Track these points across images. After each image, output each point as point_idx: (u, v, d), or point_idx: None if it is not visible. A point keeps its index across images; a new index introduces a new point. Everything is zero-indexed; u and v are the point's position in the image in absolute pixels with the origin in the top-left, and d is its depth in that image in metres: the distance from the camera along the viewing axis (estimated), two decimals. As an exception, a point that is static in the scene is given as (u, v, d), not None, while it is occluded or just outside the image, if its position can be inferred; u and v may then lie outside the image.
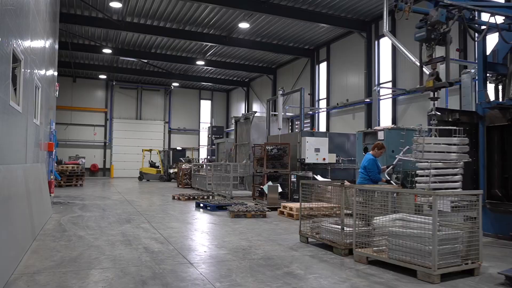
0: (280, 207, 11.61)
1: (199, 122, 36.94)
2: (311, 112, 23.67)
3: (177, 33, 21.16)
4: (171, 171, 27.50)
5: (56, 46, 13.37)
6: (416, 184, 6.56)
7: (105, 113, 33.77)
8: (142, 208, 11.73)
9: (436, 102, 6.63)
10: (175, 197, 14.75)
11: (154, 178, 27.57)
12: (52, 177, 11.69)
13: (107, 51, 23.78)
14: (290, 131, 21.09)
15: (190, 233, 7.89)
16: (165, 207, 12.14)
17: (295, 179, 12.69)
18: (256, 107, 31.19)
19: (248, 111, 32.17)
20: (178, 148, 34.75)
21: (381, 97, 18.39)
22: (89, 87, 33.29)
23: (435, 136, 6.43)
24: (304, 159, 14.02)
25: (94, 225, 8.48)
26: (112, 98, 33.94)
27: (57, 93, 13.29)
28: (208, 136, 33.23)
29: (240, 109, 34.70)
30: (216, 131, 32.88)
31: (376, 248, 5.71)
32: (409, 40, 15.41)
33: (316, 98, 23.58)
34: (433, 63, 6.39)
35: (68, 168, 20.26)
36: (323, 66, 23.32)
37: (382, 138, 10.85)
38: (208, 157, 32.33)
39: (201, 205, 12.08)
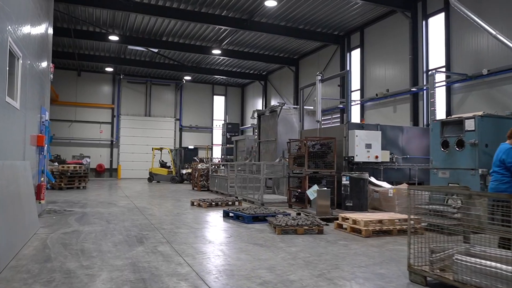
0: (330, 217, 9.07)
1: (212, 119, 34.45)
2: (341, 106, 21.05)
3: (192, 16, 18.64)
4: (184, 171, 25.03)
5: (51, 12, 10.90)
6: None
7: (112, 110, 31.40)
8: (156, 219, 9.21)
9: None
10: (195, 203, 12.25)
11: (165, 180, 25.11)
12: (43, 179, 9.24)
13: (113, 38, 21.36)
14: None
15: (234, 264, 5.35)
16: (185, 218, 9.62)
17: (347, 182, 10.11)
18: (274, 102, 28.59)
19: (265, 107, 29.65)
20: (190, 147, 32.34)
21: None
22: (95, 81, 30.95)
23: None
24: (353, 157, 11.44)
25: (93, 249, 5.97)
26: (119, 94, 31.58)
27: (52, 76, 10.83)
28: (223, 134, 30.78)
29: (256, 105, 32.16)
30: (231, 129, 30.42)
31: None
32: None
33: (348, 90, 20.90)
34: None
35: (70, 168, 17.84)
36: (355, 54, 20.70)
37: (472, 128, 8.24)
38: (223, 156, 29.89)
39: (231, 214, 9.57)
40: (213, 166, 18.90)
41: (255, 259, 5.53)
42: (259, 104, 31.67)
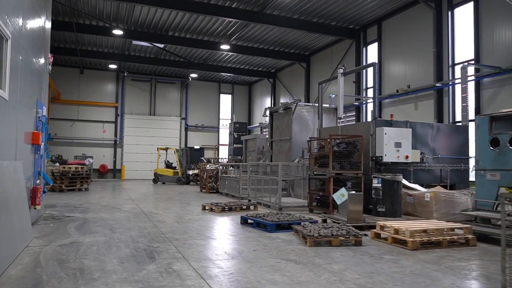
0: (363, 224, 8.01)
1: (219, 119, 33.41)
2: (357, 103, 19.99)
3: (200, 8, 17.61)
4: (190, 172, 24.00)
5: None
6: None
7: (116, 108, 30.43)
8: (167, 226, 8.18)
9: None
10: (206, 208, 11.20)
11: (171, 181, 24.08)
12: (38, 181, 8.22)
13: (118, 32, 20.35)
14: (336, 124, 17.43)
15: (267, 289, 4.30)
16: (198, 225, 8.58)
17: (379, 184, 9.03)
18: (284, 101, 27.49)
19: (274, 105, 28.60)
20: (196, 147, 31.34)
21: (457, 81, 14.68)
22: (98, 79, 29.98)
23: None
24: (381, 157, 10.36)
25: (94, 268, 4.93)
26: (123, 92, 30.60)
27: (50, 67, 9.81)
28: (230, 133, 29.77)
29: (264, 104, 31.11)
30: (239, 128, 29.44)
31: None
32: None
33: (363, 87, 19.88)
34: None
35: (71, 169, 16.82)
36: (372, 49, 19.61)
37: (531, 124, 7.16)
38: (230, 156, 28.88)
39: (250, 221, 8.52)
40: (223, 167, 17.84)
41: (294, 282, 4.47)
42: (267, 103, 30.63)
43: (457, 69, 14.80)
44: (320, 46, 23.44)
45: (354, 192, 8.55)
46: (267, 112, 17.85)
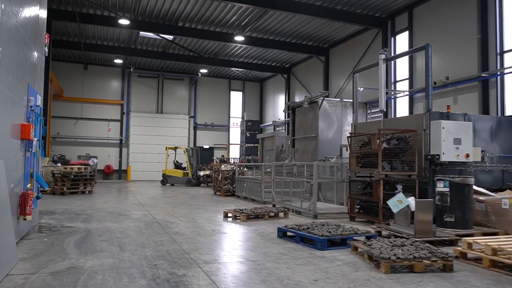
0: (434, 239, 6.38)
1: (229, 117, 31.79)
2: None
3: (215, -7, 16.06)
4: (201, 173, 22.41)
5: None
6: None
7: (121, 106, 28.89)
8: (189, 241, 6.58)
9: None
10: (229, 215, 9.60)
11: (181, 182, 22.50)
12: (30, 185, 6.64)
13: (124, 22, 18.81)
14: (366, 120, 15.80)
15: None
16: (226, 239, 6.99)
17: (446, 189, 7.39)
18: (299, 98, 25.86)
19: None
20: (205, 146, 29.80)
21: (507, 70, 13.02)
22: (103, 75, 28.46)
23: None
24: (438, 155, 8.72)
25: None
26: (129, 89, 29.07)
27: (46, 49, 8.25)
28: (242, 132, 28.23)
29: (277, 101, 29.52)
30: (251, 127, 27.95)
31: None
32: None
33: (392, 80, 18.22)
34: None
35: (73, 169, 15.27)
36: (401, 39, 17.93)
37: None
38: (241, 156, 27.32)
39: (289, 233, 6.91)
40: (239, 168, 16.21)
41: None
42: (280, 100, 29.01)
43: (507, 57, 13.14)
44: (340, 38, 21.79)
45: (422, 199, 6.90)
46: (288, 108, 16.23)
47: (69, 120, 27.40)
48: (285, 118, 27.28)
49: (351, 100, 15.69)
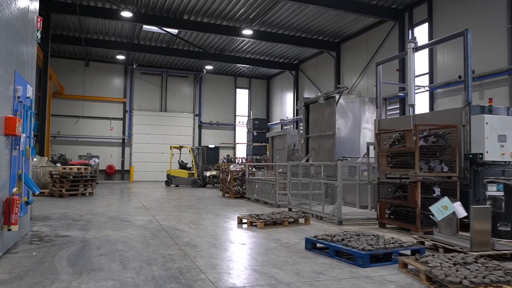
0: (494, 252, 5.37)
1: (235, 115, 30.80)
2: (402, 94, 17.28)
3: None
4: (208, 174, 21.44)
5: None
6: None
7: (124, 104, 27.93)
8: (203, 255, 5.61)
9: None
10: (244, 221, 8.62)
11: (186, 183, 21.54)
12: (16, 189, 5.67)
13: (126, 14, 17.83)
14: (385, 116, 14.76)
15: None
16: (246, 251, 6.03)
17: (501, 193, 6.38)
18: (308, 95, 24.84)
19: (297, 100, 25.99)
20: (210, 146, 28.84)
21: (541, 63, 12.00)
22: (105, 72, 27.51)
23: None
24: (481, 154, 7.71)
25: None
26: (131, 86, 28.11)
27: (39, 34, 7.28)
28: (249, 131, 27.26)
29: (284, 99, 28.55)
30: (259, 125, 26.97)
31: None
32: None
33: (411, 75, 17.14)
34: None
35: (72, 170, 14.31)
36: (420, 31, 16.89)
37: None
38: (248, 156, 26.35)
39: (319, 245, 5.93)
40: (250, 168, 15.21)
41: None
42: (287, 98, 28.03)
43: (542, 47, 12.11)
44: (353, 32, 20.78)
45: (480, 206, 5.90)
46: (301, 104, 15.23)
47: (70, 118, 26.47)
48: (293, 116, 26.30)
49: (369, 97, 14.71)
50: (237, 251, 5.93)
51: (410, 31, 17.32)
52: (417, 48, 9.87)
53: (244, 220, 8.62)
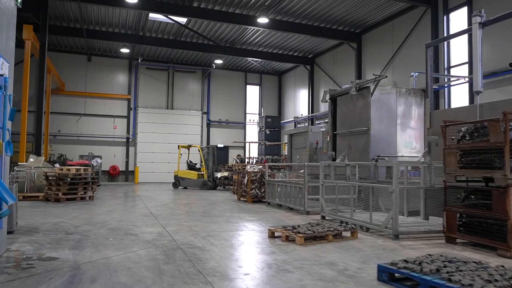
0: None
1: (245, 113, 29.15)
2: (436, 87, 15.57)
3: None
4: (219, 175, 19.81)
5: None
6: None
7: (128, 101, 26.34)
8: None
9: None
10: (277, 234, 6.96)
11: (195, 185, 19.92)
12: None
13: (131, 0, 16.23)
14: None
15: None
16: (296, 283, 4.33)
17: None
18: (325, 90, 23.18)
19: (312, 96, 24.36)
20: (220, 145, 27.23)
21: None
22: (108, 67, 25.94)
23: None
24: None
25: None
26: (136, 82, 26.53)
27: (20, 2, 5.67)
28: (261, 129, 25.63)
29: (298, 96, 26.89)
30: (271, 123, 25.34)
31: None
32: None
33: (445, 65, 15.49)
34: None
35: (70, 171, 12.70)
36: (457, 17, 15.19)
37: None
38: (261, 156, 24.70)
39: (397, 275, 4.26)
40: (270, 169, 13.55)
41: None
42: (301, 95, 26.36)
43: None
44: (376, 21, 19.08)
45: None
46: (327, 97, 13.56)
47: (71, 116, 24.91)
48: (308, 113, 24.62)
49: (406, 88, 13.03)
50: (283, 285, 4.26)
51: (445, 17, 15.60)
52: (484, 24, 8.16)
53: (277, 234, 6.96)
